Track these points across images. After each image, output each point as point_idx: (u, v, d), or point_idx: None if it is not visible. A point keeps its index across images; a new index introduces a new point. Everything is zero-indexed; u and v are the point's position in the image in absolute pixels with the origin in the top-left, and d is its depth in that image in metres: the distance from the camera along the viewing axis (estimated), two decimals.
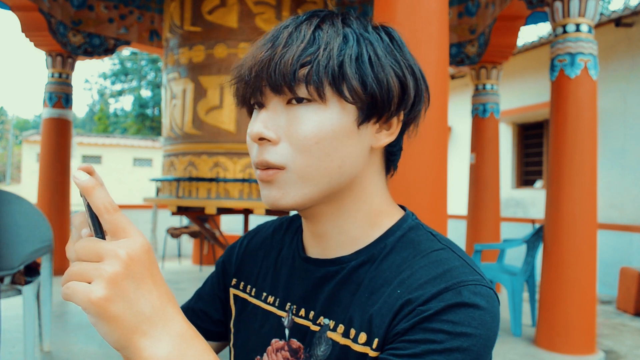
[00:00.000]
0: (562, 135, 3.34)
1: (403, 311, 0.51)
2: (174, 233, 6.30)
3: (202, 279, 5.85)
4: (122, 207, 7.94)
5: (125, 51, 25.67)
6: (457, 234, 6.60)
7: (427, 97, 0.60)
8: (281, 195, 0.55)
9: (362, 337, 0.54)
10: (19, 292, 2.63)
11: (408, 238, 0.58)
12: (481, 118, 5.27)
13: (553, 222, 3.37)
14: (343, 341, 0.55)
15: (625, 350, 3.60)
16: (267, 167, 0.55)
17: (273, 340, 0.63)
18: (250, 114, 0.60)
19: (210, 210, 3.60)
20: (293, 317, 0.62)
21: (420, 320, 0.49)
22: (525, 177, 8.14)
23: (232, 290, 0.72)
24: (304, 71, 0.52)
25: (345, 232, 0.60)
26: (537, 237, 3.80)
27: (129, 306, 0.42)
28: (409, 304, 0.51)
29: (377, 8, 2.32)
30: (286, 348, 0.61)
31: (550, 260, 3.39)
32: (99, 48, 5.22)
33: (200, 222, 4.49)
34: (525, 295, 5.05)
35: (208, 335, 0.74)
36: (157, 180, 4.08)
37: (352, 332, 0.55)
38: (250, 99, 0.57)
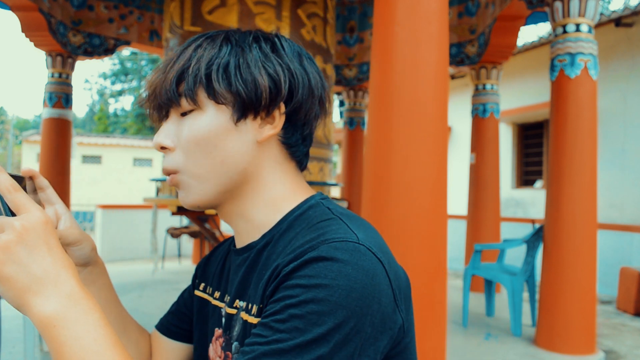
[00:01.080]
0: (562, 135, 3.33)
1: (272, 276, 0.54)
2: (174, 233, 6.30)
3: None
4: (122, 207, 7.95)
5: (125, 51, 25.68)
6: (457, 234, 6.60)
7: (312, 90, 0.64)
8: (185, 195, 0.62)
9: (254, 308, 0.58)
10: None
11: (305, 215, 0.62)
12: (481, 118, 5.27)
13: (553, 222, 3.37)
14: (245, 317, 0.60)
15: (625, 350, 3.60)
16: (167, 172, 0.63)
17: (215, 330, 0.68)
18: None
19: (210, 210, 3.60)
20: (226, 306, 0.67)
21: (281, 280, 0.52)
22: (525, 177, 8.14)
23: (195, 291, 0.78)
24: (182, 87, 0.60)
25: (252, 220, 0.65)
26: (537, 237, 3.80)
27: (21, 269, 0.48)
28: (277, 268, 0.54)
29: (377, 8, 2.32)
30: (222, 335, 0.66)
31: (550, 260, 3.38)
32: (99, 48, 5.22)
33: (200, 222, 4.49)
34: (525, 295, 5.05)
35: (189, 337, 0.78)
36: (157, 180, 4.08)
37: (250, 306, 0.60)
38: (157, 116, 0.65)
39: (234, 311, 0.63)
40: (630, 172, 6.25)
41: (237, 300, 0.63)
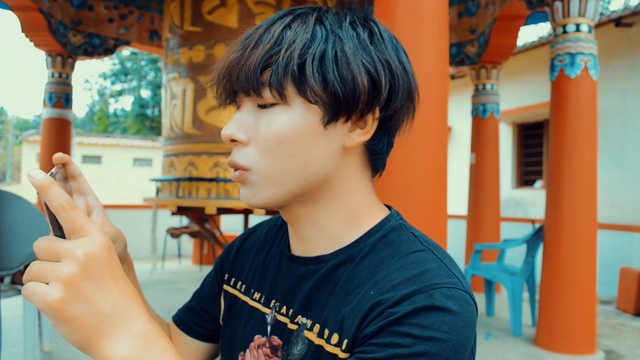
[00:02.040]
0: (562, 135, 3.33)
1: (373, 313, 0.50)
2: (174, 233, 6.30)
3: (202, 279, 5.83)
4: (122, 207, 7.95)
5: (125, 51, 25.68)
6: (457, 234, 6.60)
7: (410, 93, 0.58)
8: (252, 195, 0.56)
9: (335, 337, 0.53)
10: (19, 292, 2.63)
11: (389, 239, 0.57)
12: (481, 118, 5.27)
13: (553, 222, 3.37)
14: (318, 341, 0.55)
15: (625, 350, 3.59)
16: (235, 167, 0.56)
17: (256, 337, 0.63)
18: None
19: (210, 210, 3.60)
20: (276, 314, 0.62)
21: (388, 323, 0.48)
22: (525, 177, 8.14)
23: (224, 287, 0.72)
24: (267, 74, 0.52)
25: (325, 231, 0.59)
26: (537, 237, 3.80)
27: (88, 307, 0.41)
28: (379, 306, 0.50)
29: (377, 8, 2.32)
30: (267, 345, 0.61)
31: (550, 260, 3.38)
32: (99, 48, 5.22)
33: (200, 222, 4.49)
34: (525, 295, 5.05)
35: (211, 336, 0.73)
36: (157, 180, 4.08)
37: (326, 332, 0.54)
38: (227, 99, 0.58)
39: (294, 326, 0.58)
40: (630, 172, 6.25)
41: (300, 316, 0.58)
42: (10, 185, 22.23)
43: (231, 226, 8.39)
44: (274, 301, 0.63)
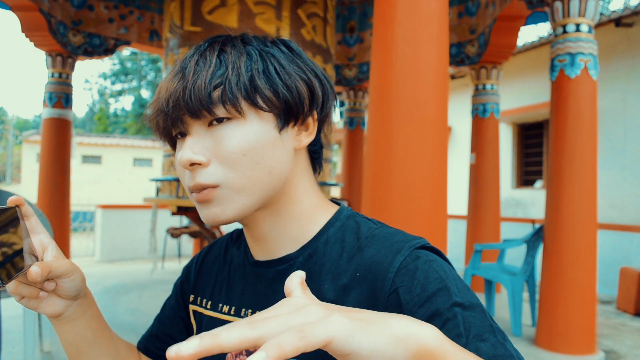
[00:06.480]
0: (562, 135, 3.33)
1: (383, 295, 0.54)
2: (174, 233, 6.30)
3: None
4: (122, 207, 7.95)
5: (125, 51, 25.67)
6: (457, 234, 6.60)
7: (334, 95, 0.65)
8: (221, 210, 0.57)
9: None
10: None
11: (348, 226, 0.62)
12: (481, 118, 5.26)
13: (553, 222, 3.37)
14: None
15: (625, 350, 3.59)
16: (202, 189, 0.57)
17: None
18: (173, 146, 0.62)
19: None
20: None
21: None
22: (525, 177, 8.14)
23: (191, 307, 0.74)
24: (217, 92, 0.54)
25: (286, 232, 0.63)
26: (537, 237, 3.80)
27: None
28: (391, 288, 0.53)
29: (377, 8, 2.32)
30: (244, 352, 0.62)
31: (550, 260, 3.38)
32: (99, 48, 5.22)
33: (200, 222, 4.49)
34: (525, 295, 5.05)
35: None
36: (157, 180, 4.08)
37: None
38: (172, 131, 0.59)
39: None
40: (630, 172, 6.25)
41: None
42: (10, 185, 22.22)
43: (231, 226, 8.39)
44: (244, 309, 0.64)
